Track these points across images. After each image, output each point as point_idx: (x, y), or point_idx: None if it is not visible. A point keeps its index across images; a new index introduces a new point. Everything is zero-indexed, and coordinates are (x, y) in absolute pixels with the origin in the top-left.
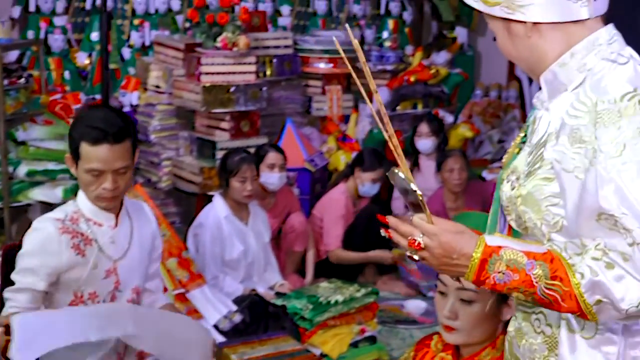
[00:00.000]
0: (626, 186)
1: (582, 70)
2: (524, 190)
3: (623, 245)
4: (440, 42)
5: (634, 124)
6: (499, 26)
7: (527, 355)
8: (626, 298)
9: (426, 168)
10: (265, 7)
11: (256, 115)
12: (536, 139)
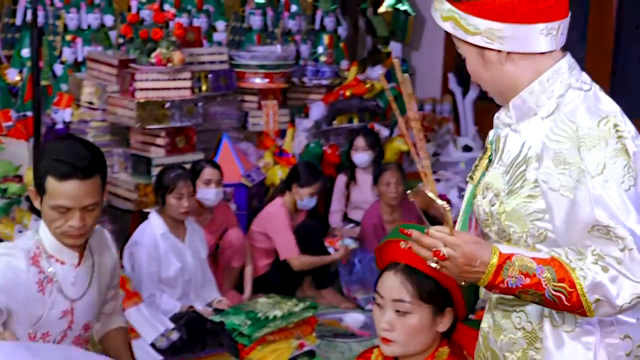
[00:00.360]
0: (611, 201)
1: (550, 97)
2: (508, 207)
3: (615, 251)
4: (375, 57)
5: (611, 146)
6: (473, 52)
7: (505, 348)
8: (620, 296)
9: (363, 181)
10: (200, 23)
11: (192, 131)
12: (510, 159)
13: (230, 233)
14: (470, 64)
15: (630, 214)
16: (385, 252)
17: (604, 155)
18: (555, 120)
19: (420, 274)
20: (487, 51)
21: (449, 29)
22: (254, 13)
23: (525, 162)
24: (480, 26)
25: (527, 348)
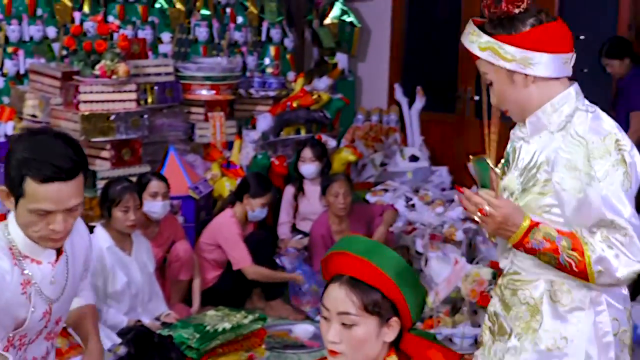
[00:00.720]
0: (615, 200)
1: (560, 116)
2: (521, 202)
3: (619, 236)
4: (322, 68)
5: (614, 157)
6: (503, 76)
7: (514, 321)
8: (619, 269)
9: (311, 192)
10: (145, 35)
11: (138, 143)
12: (523, 164)
13: (178, 246)
14: (498, 86)
15: (627, 210)
16: (331, 264)
17: (609, 164)
18: (566, 135)
19: (365, 285)
20: (517, 75)
21: (487, 58)
22: (199, 25)
23: (537, 167)
24: (516, 55)
25: (529, 320)
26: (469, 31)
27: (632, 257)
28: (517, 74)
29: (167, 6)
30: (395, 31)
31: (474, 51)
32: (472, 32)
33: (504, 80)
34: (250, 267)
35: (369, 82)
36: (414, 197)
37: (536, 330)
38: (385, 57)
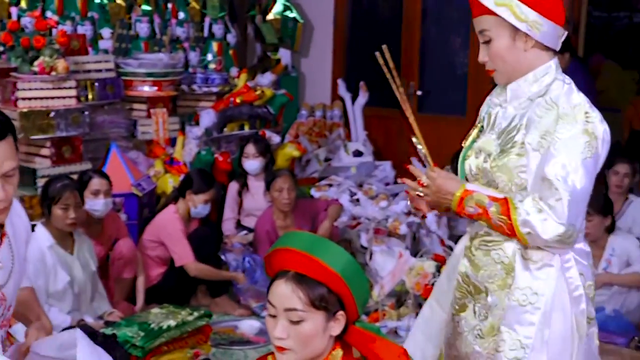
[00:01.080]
0: (566, 162)
1: (540, 86)
2: (500, 162)
3: (551, 199)
4: (265, 64)
5: (580, 125)
6: (507, 36)
7: (485, 280)
8: (547, 232)
9: (255, 188)
10: (85, 30)
11: (78, 141)
12: (501, 128)
13: (121, 244)
14: (498, 44)
15: (578, 175)
16: (275, 260)
17: (573, 130)
18: (541, 102)
19: (311, 280)
20: (519, 36)
21: (502, 13)
22: (140, 20)
23: (516, 129)
24: (529, 16)
25: (505, 277)
26: None
27: (557, 219)
28: (520, 35)
29: (107, 1)
30: (338, 27)
31: (488, 5)
32: None
33: (505, 39)
34: (192, 264)
35: (312, 77)
36: (358, 191)
37: (511, 287)
38: (328, 53)
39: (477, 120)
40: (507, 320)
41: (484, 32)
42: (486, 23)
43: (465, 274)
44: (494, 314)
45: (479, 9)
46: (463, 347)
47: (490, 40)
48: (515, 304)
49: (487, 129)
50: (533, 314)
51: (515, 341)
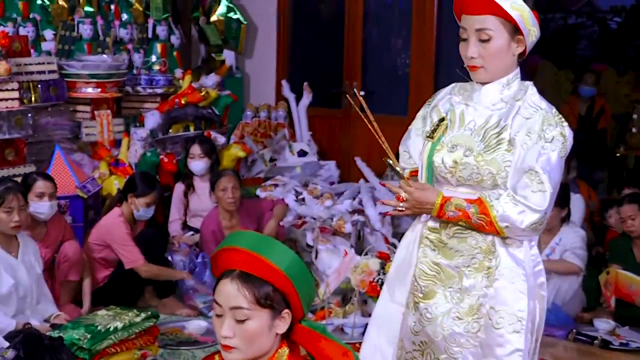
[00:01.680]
0: (551, 159)
1: (510, 91)
2: (488, 157)
3: (529, 191)
4: (209, 65)
5: (559, 128)
6: (506, 39)
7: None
8: (524, 222)
9: (201, 189)
10: (27, 32)
11: (22, 143)
12: (477, 125)
13: (67, 246)
14: (497, 44)
15: (555, 172)
16: (221, 260)
17: (555, 132)
18: (524, 104)
19: (256, 279)
20: (514, 42)
21: (516, 17)
22: (83, 22)
23: (501, 128)
24: (532, 26)
25: (483, 260)
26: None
27: (536, 207)
28: (515, 40)
29: (49, 3)
30: (281, 28)
31: (505, 6)
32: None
33: (504, 41)
34: (143, 266)
35: (257, 78)
36: (303, 191)
37: (491, 269)
38: (272, 54)
39: (419, 119)
40: (499, 300)
41: (485, 30)
42: (490, 23)
43: (433, 262)
44: (471, 295)
45: (487, 8)
46: (438, 331)
47: (489, 39)
48: (506, 282)
49: (457, 125)
50: (521, 290)
51: (511, 316)
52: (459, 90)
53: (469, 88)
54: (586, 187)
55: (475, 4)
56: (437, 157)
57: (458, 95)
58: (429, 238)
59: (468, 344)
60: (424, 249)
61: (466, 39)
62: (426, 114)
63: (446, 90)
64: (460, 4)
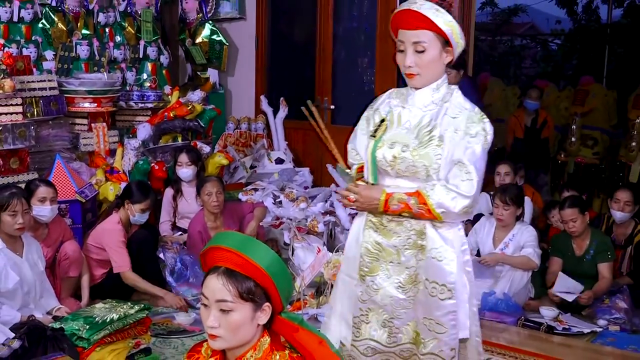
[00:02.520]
0: (476, 152)
1: (440, 94)
2: (422, 152)
3: (458, 180)
4: (195, 82)
5: (481, 125)
6: (438, 50)
7: (399, 245)
8: (457, 207)
9: (188, 194)
10: (30, 52)
11: (25, 153)
12: (412, 124)
13: (67, 245)
14: (430, 54)
15: (480, 163)
16: (209, 257)
17: (478, 128)
18: (451, 105)
19: (240, 275)
20: (444, 52)
21: (447, 32)
22: (80, 43)
23: (432, 126)
24: (460, 39)
25: (416, 239)
26: (435, 7)
27: (465, 193)
28: (445, 51)
29: (49, 26)
30: (259, 49)
31: (438, 23)
32: (438, 9)
33: (437, 52)
34: (128, 273)
35: (238, 94)
36: (281, 195)
37: (424, 247)
38: (252, 72)
39: (363, 120)
40: (431, 274)
41: (421, 42)
42: (425, 36)
43: (375, 242)
44: (409, 267)
45: (422, 24)
46: (384, 298)
47: (424, 50)
48: (434, 260)
49: (395, 125)
50: (448, 265)
51: (442, 286)
52: (396, 94)
53: (405, 92)
54: (531, 190)
55: (413, 20)
56: (379, 153)
57: (395, 99)
58: (372, 221)
59: (410, 306)
60: (368, 230)
61: (403, 50)
62: (369, 116)
63: (386, 95)
64: (397, 20)
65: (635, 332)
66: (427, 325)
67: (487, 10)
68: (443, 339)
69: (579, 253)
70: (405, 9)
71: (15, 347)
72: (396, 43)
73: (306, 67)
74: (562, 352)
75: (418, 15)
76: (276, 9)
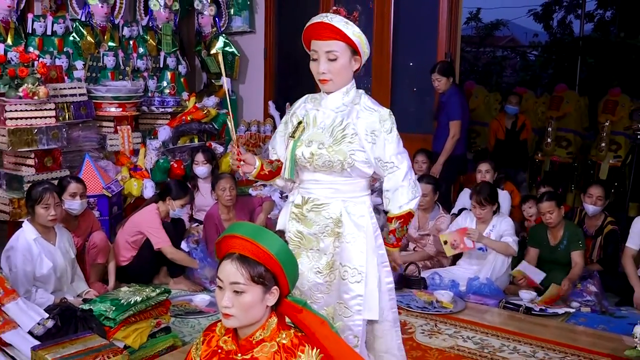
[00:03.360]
0: (394, 146)
1: (349, 97)
2: (337, 148)
3: (391, 180)
4: (210, 89)
5: (391, 121)
6: (348, 58)
7: (318, 232)
8: (406, 202)
9: (204, 189)
10: (61, 62)
11: (58, 152)
12: (327, 124)
13: (95, 235)
14: (341, 62)
15: (401, 154)
16: (224, 245)
17: (390, 125)
18: (361, 107)
19: (252, 261)
20: (353, 61)
21: (356, 41)
22: (107, 54)
23: (345, 125)
24: (366, 49)
25: (333, 227)
26: (344, 20)
27: (416, 193)
28: (353, 59)
29: (79, 39)
30: (267, 60)
31: (348, 34)
32: (347, 22)
33: (347, 60)
34: (169, 247)
35: (248, 100)
36: None
37: (340, 234)
38: (261, 80)
39: (282, 123)
40: (345, 258)
41: (333, 52)
42: (336, 46)
43: (297, 231)
44: (327, 254)
45: (333, 35)
46: (304, 283)
47: (336, 58)
48: (348, 245)
49: (312, 125)
50: (361, 249)
51: (353, 270)
52: (311, 99)
53: (318, 97)
54: (511, 186)
55: (326, 32)
56: (299, 151)
57: (310, 103)
58: (295, 212)
59: (327, 291)
60: (291, 221)
61: (317, 59)
62: (287, 119)
63: (301, 100)
64: (311, 32)
65: (604, 313)
66: (337, 310)
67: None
68: (347, 324)
69: (554, 243)
70: (318, 22)
71: (49, 326)
72: (310, 53)
73: (309, 76)
74: (539, 331)
75: (330, 27)
76: (282, 24)
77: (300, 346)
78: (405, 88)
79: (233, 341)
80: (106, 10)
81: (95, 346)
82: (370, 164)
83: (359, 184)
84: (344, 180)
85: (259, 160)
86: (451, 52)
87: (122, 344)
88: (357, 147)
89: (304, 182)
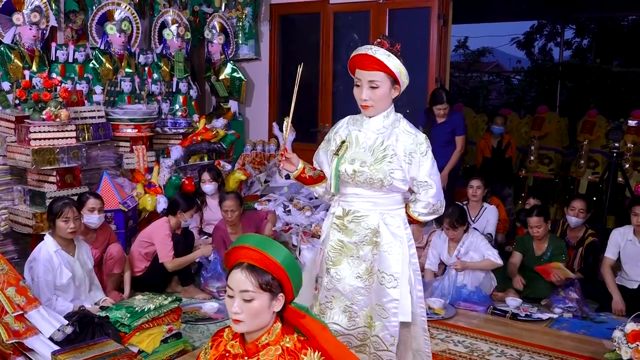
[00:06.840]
0: (428, 168)
1: (390, 120)
2: (378, 167)
3: (424, 195)
4: (219, 111)
5: (427, 144)
6: (388, 85)
7: (358, 242)
8: (429, 217)
9: (212, 205)
10: (82, 87)
11: (78, 170)
12: (369, 144)
13: (112, 247)
14: (382, 91)
15: (434, 175)
16: (233, 255)
17: (426, 148)
18: (400, 130)
19: (260, 269)
20: (393, 89)
21: (397, 74)
22: (124, 80)
23: (386, 147)
24: (406, 79)
25: (372, 237)
26: (387, 53)
27: (430, 201)
28: (393, 88)
29: (98, 66)
30: (272, 84)
31: (390, 66)
32: (389, 54)
33: (387, 89)
34: (169, 262)
35: (254, 121)
36: (290, 204)
37: (378, 243)
38: (265, 103)
39: (329, 142)
40: (382, 265)
41: (375, 81)
42: (378, 76)
43: (338, 240)
44: (366, 261)
45: (376, 66)
46: (346, 287)
47: (378, 87)
48: (385, 253)
49: (354, 145)
50: (397, 258)
51: (389, 276)
52: (353, 121)
53: (360, 119)
54: (497, 200)
55: (370, 63)
56: (342, 167)
57: (352, 125)
58: (336, 223)
59: (366, 294)
60: (333, 231)
61: (360, 86)
62: (330, 137)
63: (343, 121)
64: (355, 62)
65: (585, 318)
66: (376, 311)
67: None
68: (385, 324)
69: (538, 253)
70: (362, 53)
71: (68, 332)
72: (354, 79)
73: (311, 99)
74: (525, 335)
75: (374, 59)
76: (285, 52)
77: (303, 349)
78: (399, 110)
79: (240, 345)
80: (123, 40)
81: (111, 351)
82: (406, 182)
83: (395, 198)
84: (382, 195)
85: (302, 163)
86: (441, 77)
87: (137, 349)
88: (396, 166)
89: (346, 195)
